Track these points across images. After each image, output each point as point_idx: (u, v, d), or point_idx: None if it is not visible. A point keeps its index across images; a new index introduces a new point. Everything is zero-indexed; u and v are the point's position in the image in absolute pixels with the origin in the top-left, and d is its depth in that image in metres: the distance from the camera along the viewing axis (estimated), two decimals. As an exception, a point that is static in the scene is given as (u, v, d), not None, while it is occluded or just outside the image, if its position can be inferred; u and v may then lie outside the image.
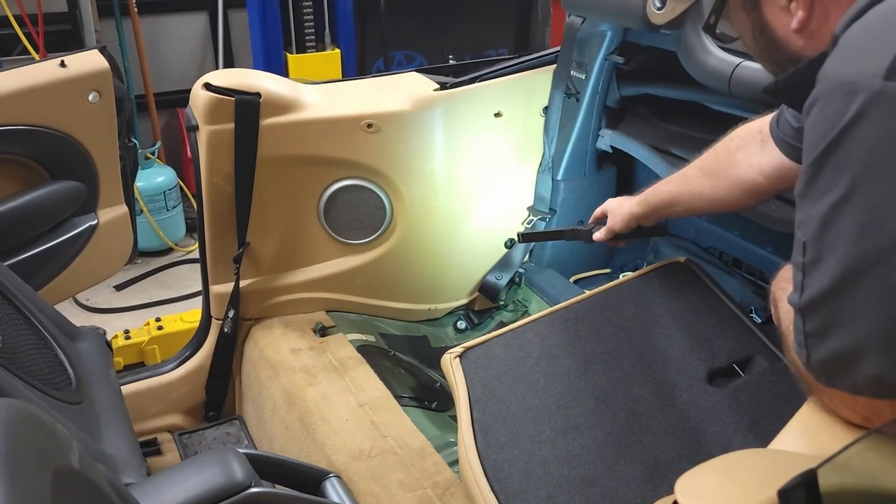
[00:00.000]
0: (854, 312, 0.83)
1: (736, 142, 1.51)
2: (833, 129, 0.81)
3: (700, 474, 0.88)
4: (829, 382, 0.92)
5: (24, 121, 1.90)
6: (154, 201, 3.94)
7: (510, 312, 2.37)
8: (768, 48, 1.07)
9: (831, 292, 0.84)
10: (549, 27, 5.02)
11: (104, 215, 2.13)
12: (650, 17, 1.27)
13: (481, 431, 1.46)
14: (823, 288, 0.85)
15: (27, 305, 1.54)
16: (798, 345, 0.92)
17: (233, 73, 2.07)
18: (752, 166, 1.46)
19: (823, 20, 0.97)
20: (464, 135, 2.19)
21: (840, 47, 0.86)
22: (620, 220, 1.72)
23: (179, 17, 4.44)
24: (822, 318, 0.87)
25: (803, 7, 0.98)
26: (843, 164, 0.81)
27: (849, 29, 0.86)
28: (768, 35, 1.05)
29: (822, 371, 0.91)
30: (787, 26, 1.01)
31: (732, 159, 1.51)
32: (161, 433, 2.15)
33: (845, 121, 0.79)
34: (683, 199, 1.62)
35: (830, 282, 0.84)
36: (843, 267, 0.82)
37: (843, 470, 0.75)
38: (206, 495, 1.14)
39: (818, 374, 0.92)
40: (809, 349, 0.89)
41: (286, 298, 2.21)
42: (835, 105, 0.81)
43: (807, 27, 0.99)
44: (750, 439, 1.36)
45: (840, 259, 0.82)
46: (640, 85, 2.17)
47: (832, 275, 0.83)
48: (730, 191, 1.52)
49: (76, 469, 0.73)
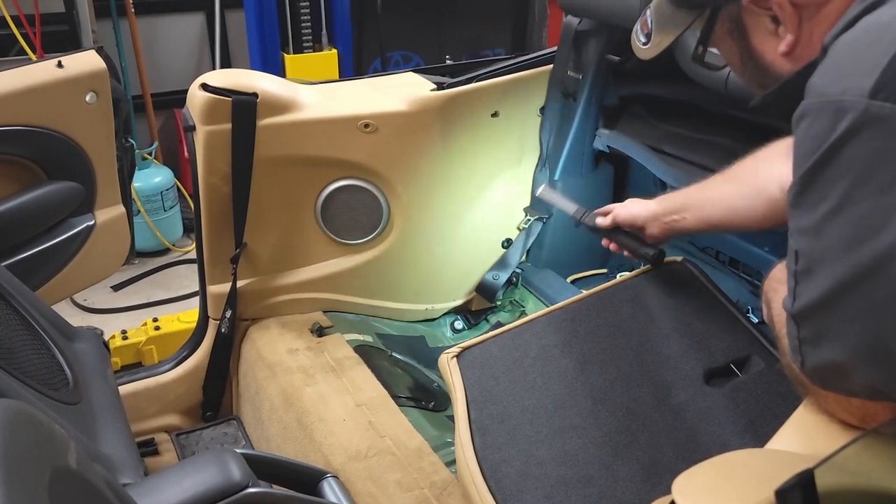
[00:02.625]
0: (842, 326, 0.83)
1: (765, 151, 1.48)
2: (822, 146, 0.81)
3: (697, 474, 0.88)
4: (824, 386, 0.92)
5: (21, 121, 1.90)
6: (151, 202, 3.93)
7: (507, 312, 2.37)
8: (757, 73, 1.08)
9: (821, 304, 0.85)
10: (545, 27, 5.03)
11: (101, 216, 2.13)
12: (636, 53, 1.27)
13: (478, 431, 1.46)
14: (814, 299, 0.85)
15: (24, 306, 1.54)
16: (793, 350, 0.92)
17: (230, 73, 2.07)
18: (773, 177, 1.41)
19: (808, 42, 0.98)
20: (461, 135, 2.19)
21: (828, 60, 0.86)
22: (626, 214, 1.69)
23: (176, 17, 4.43)
24: (814, 328, 0.87)
25: (791, 30, 0.98)
26: (832, 180, 0.81)
27: (837, 41, 0.86)
28: (756, 60, 1.06)
29: (817, 376, 0.91)
30: (775, 50, 1.02)
31: (756, 167, 1.47)
32: (158, 433, 2.15)
33: (833, 139, 0.80)
34: (696, 204, 1.57)
35: (820, 293, 0.84)
36: (832, 280, 0.82)
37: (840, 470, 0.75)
38: (204, 495, 1.14)
39: (813, 378, 0.92)
40: (804, 355, 0.90)
41: (283, 299, 2.21)
42: (823, 122, 0.81)
43: (794, 50, 1.00)
44: (747, 439, 1.36)
45: (828, 272, 0.83)
46: (637, 85, 2.17)
47: (821, 286, 0.84)
48: (746, 200, 1.48)
49: (73, 469, 0.73)
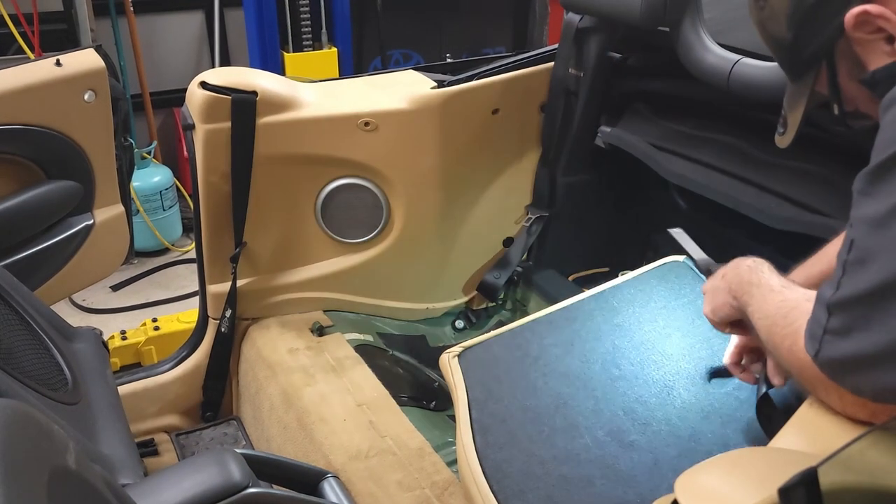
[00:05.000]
0: (885, 321, 0.82)
1: None
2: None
3: (700, 473, 0.88)
4: (834, 378, 0.91)
5: (19, 120, 1.90)
6: (150, 201, 3.93)
7: (509, 311, 2.37)
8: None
9: (867, 296, 0.83)
10: (546, 25, 5.02)
11: (100, 215, 2.13)
12: (778, 144, 1.22)
13: (480, 431, 1.46)
14: (859, 290, 0.84)
15: (23, 306, 1.53)
16: (811, 338, 0.91)
17: (229, 71, 2.07)
18: None
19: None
20: (461, 133, 2.19)
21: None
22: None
23: (175, 15, 4.43)
24: (849, 319, 0.86)
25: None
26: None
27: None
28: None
29: (829, 368, 0.90)
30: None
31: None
32: (158, 434, 2.14)
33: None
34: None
35: (868, 286, 0.82)
36: (886, 274, 0.81)
37: (844, 468, 0.75)
38: (204, 496, 1.14)
39: (824, 368, 0.91)
40: (823, 345, 0.88)
41: (283, 298, 2.20)
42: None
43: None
44: (750, 438, 1.36)
45: (884, 265, 0.81)
46: (638, 82, 2.16)
47: (872, 279, 0.82)
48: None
49: (73, 469, 0.73)
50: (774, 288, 1.09)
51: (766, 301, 1.09)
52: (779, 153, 1.76)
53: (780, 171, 1.76)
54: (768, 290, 1.10)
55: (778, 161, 1.76)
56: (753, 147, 1.83)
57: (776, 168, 1.76)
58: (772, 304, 1.07)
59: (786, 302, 1.04)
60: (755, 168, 1.81)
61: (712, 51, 1.72)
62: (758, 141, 1.83)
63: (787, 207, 1.70)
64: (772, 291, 1.09)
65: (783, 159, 1.75)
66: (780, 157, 1.76)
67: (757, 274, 1.13)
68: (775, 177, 1.76)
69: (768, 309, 1.08)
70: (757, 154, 1.82)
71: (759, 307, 1.10)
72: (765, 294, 1.10)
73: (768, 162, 1.79)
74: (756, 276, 1.13)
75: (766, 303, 1.09)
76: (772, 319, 1.06)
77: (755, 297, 1.11)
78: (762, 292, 1.10)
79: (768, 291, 1.09)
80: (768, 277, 1.11)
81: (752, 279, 1.13)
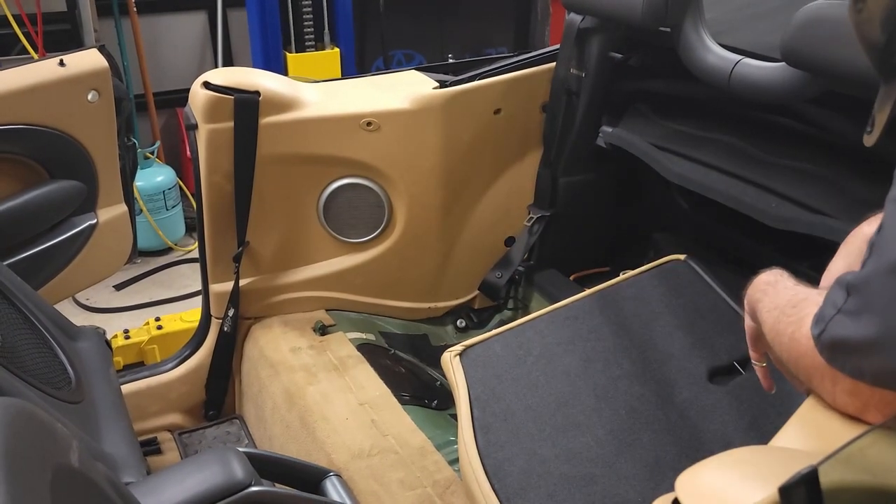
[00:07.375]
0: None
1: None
2: None
3: (700, 471, 0.88)
4: (832, 361, 0.91)
5: (23, 120, 1.90)
6: (153, 201, 3.93)
7: (510, 311, 2.37)
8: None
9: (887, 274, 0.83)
10: (548, 25, 5.02)
11: (103, 215, 2.13)
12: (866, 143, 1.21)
13: (481, 430, 1.46)
14: (882, 267, 0.83)
15: (27, 305, 1.54)
16: (819, 320, 0.90)
17: (232, 71, 2.07)
18: None
19: None
20: (463, 133, 2.19)
21: None
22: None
23: (179, 16, 4.43)
24: (866, 299, 0.85)
25: None
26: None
27: None
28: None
29: (831, 350, 0.90)
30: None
31: None
32: (161, 432, 2.15)
33: None
34: None
35: (888, 264, 0.83)
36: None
37: (845, 466, 0.75)
38: (206, 494, 1.14)
39: (825, 349, 0.90)
40: (830, 324, 0.88)
41: (286, 297, 2.21)
42: None
43: None
44: (751, 436, 1.36)
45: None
46: (640, 82, 2.16)
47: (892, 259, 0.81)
48: None
49: (76, 468, 0.73)
50: (789, 286, 1.09)
51: (778, 295, 1.09)
52: (780, 153, 1.77)
53: (781, 172, 1.76)
54: (783, 287, 1.10)
55: (779, 161, 1.76)
56: (754, 147, 1.83)
57: (777, 168, 1.76)
58: (783, 297, 1.07)
59: (797, 295, 1.04)
60: (756, 168, 1.81)
61: (713, 51, 1.72)
62: (759, 141, 1.83)
63: (788, 207, 1.70)
64: (786, 288, 1.09)
65: (784, 159, 1.75)
66: (780, 157, 1.76)
67: (774, 276, 1.13)
68: (776, 177, 1.76)
69: (778, 301, 1.08)
70: (758, 154, 1.82)
71: (770, 301, 1.10)
72: (778, 290, 1.10)
73: (769, 162, 1.79)
74: (773, 278, 1.13)
75: (778, 297, 1.09)
76: (780, 310, 1.06)
77: (768, 294, 1.11)
78: (776, 289, 1.10)
79: (783, 289, 1.10)
80: (785, 280, 1.12)
81: (768, 280, 1.13)
